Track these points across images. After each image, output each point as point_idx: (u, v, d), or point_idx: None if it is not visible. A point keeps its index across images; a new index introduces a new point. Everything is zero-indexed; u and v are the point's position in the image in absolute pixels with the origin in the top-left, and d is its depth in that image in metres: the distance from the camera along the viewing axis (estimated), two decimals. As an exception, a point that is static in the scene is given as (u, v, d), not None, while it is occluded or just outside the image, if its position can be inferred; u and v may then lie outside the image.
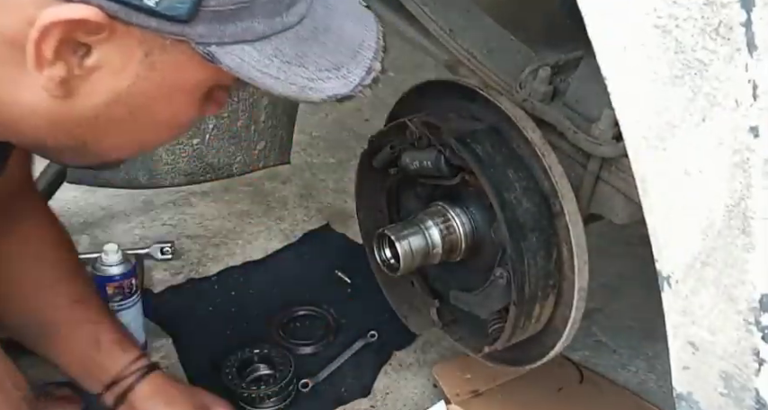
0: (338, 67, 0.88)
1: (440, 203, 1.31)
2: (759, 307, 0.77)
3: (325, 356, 1.62)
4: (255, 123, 1.73)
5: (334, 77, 0.88)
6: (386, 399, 1.55)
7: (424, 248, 1.27)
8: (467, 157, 1.18)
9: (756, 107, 0.71)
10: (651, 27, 0.76)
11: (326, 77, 0.87)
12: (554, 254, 1.18)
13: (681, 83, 0.75)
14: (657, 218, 0.83)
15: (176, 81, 0.87)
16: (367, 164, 1.44)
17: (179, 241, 1.92)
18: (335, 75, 0.88)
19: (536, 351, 1.27)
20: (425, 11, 1.42)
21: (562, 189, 1.16)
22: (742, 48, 0.70)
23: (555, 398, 1.51)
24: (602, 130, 1.15)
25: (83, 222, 1.99)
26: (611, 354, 1.67)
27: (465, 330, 1.41)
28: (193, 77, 0.87)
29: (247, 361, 1.55)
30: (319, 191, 2.16)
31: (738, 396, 0.82)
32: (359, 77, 0.89)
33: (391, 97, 1.44)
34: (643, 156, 0.82)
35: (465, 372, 1.53)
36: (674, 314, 0.86)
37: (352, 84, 0.89)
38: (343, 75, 0.88)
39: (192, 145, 1.70)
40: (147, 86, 0.86)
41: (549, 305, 1.21)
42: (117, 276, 1.53)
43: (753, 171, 0.73)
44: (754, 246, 0.75)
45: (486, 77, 1.36)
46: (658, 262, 0.85)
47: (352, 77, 0.89)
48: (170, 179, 1.73)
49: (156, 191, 1.98)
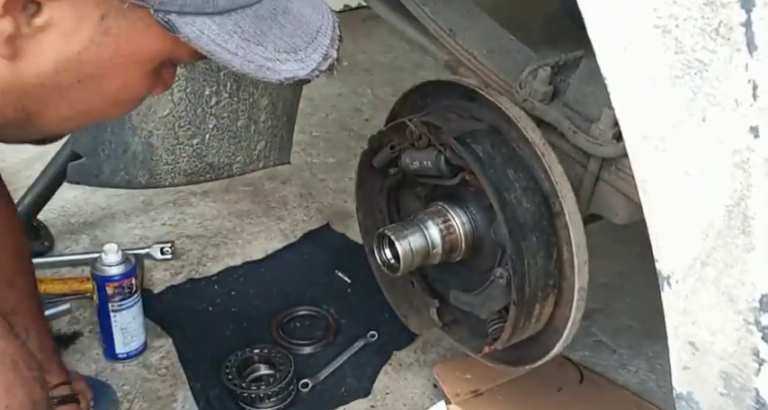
0: (296, 50, 0.87)
1: (440, 203, 1.31)
2: (759, 307, 0.77)
3: (325, 356, 1.62)
4: (255, 123, 1.73)
5: (292, 60, 0.87)
6: (386, 399, 1.55)
7: (424, 248, 1.27)
8: (467, 157, 1.18)
9: (756, 107, 0.71)
10: (651, 27, 0.76)
11: (284, 59, 0.86)
12: (554, 254, 1.18)
13: (681, 83, 0.75)
14: (657, 218, 0.83)
15: (131, 49, 0.84)
16: (367, 164, 1.44)
17: (179, 241, 1.92)
18: (293, 58, 0.87)
19: (536, 351, 1.27)
20: (425, 11, 1.42)
21: (562, 189, 1.16)
22: (742, 48, 0.70)
23: (555, 398, 1.51)
24: (602, 130, 1.15)
25: (83, 222, 1.99)
26: (611, 354, 1.67)
27: (465, 330, 1.41)
28: (149, 47, 0.85)
29: (247, 361, 1.55)
30: (319, 191, 2.17)
31: (738, 396, 0.82)
32: (315, 62, 0.88)
33: (391, 97, 1.44)
34: (643, 156, 0.82)
35: (465, 372, 1.53)
36: (674, 314, 0.86)
37: (309, 69, 0.88)
38: (300, 58, 0.87)
39: (192, 145, 1.70)
40: (99, 53, 0.83)
41: (549, 305, 1.21)
42: (117, 276, 1.53)
43: (753, 171, 0.73)
44: (754, 246, 0.75)
45: (486, 77, 1.36)
46: (658, 262, 0.85)
47: (309, 62, 0.88)
48: (170, 179, 1.73)
49: (156, 191, 1.98)
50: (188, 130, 1.68)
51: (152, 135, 1.66)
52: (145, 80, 0.90)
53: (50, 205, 1.89)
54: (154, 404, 1.51)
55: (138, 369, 1.58)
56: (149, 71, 0.89)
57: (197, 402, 1.50)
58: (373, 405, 1.54)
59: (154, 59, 0.88)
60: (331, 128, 2.48)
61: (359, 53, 3.04)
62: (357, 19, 3.29)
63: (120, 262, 1.54)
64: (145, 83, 0.91)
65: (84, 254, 1.86)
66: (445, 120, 1.25)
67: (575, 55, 1.27)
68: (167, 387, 1.55)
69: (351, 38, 3.15)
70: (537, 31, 1.48)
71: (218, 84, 1.65)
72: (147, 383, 1.55)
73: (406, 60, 2.96)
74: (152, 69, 0.89)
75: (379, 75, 2.82)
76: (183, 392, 1.54)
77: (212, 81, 1.64)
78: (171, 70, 0.95)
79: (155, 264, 1.85)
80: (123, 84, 0.89)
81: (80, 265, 1.80)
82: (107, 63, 0.85)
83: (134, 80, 0.89)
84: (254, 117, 1.72)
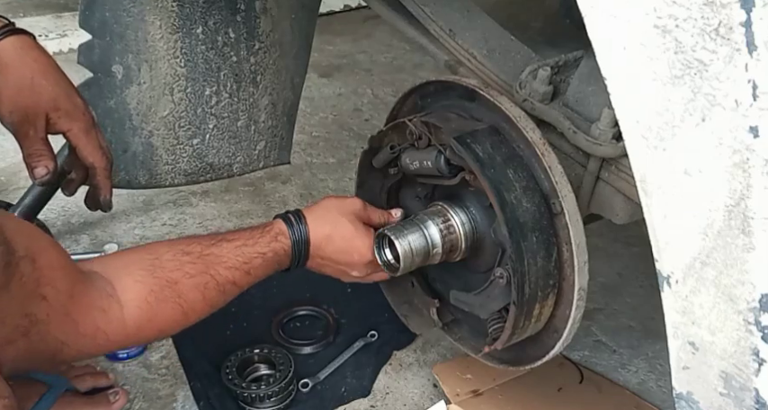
0: None
1: (440, 203, 1.31)
2: (759, 307, 0.77)
3: (325, 356, 1.62)
4: (255, 123, 1.74)
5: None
6: (386, 399, 1.55)
7: (424, 248, 1.28)
8: (467, 157, 1.18)
9: (756, 107, 0.71)
10: (651, 27, 0.76)
11: None
12: (554, 254, 1.18)
13: (681, 83, 0.75)
14: (657, 218, 0.83)
15: None
16: (367, 164, 1.44)
17: (179, 241, 1.93)
18: None
19: (536, 351, 1.27)
20: (426, 11, 1.42)
21: (562, 189, 1.16)
22: (742, 48, 0.70)
23: (555, 398, 1.51)
24: (602, 130, 1.15)
25: (83, 222, 1.99)
26: (611, 354, 1.67)
27: (465, 330, 1.41)
28: None
29: (247, 361, 1.56)
30: (319, 191, 2.17)
31: (738, 396, 0.82)
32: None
33: (391, 97, 1.44)
34: (643, 156, 0.82)
35: (465, 372, 1.53)
36: (674, 314, 0.86)
37: None
38: None
39: (192, 145, 1.70)
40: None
41: (549, 305, 1.21)
42: (117, 276, 1.53)
43: (753, 171, 0.73)
44: (754, 246, 0.75)
45: (486, 77, 1.36)
46: (658, 263, 0.85)
47: None
48: (170, 179, 1.73)
49: (156, 191, 1.98)
50: (188, 130, 1.68)
51: (152, 135, 1.66)
52: None
53: (50, 205, 1.89)
54: (154, 404, 1.52)
55: (138, 369, 1.58)
56: None
57: (197, 402, 1.50)
58: (373, 405, 1.54)
59: None
60: (331, 128, 2.48)
61: (359, 53, 3.05)
62: (357, 19, 3.30)
63: (121, 262, 1.54)
64: None
65: (84, 253, 1.85)
66: (445, 120, 1.25)
67: (575, 55, 1.27)
68: (167, 387, 1.55)
69: (351, 38, 3.17)
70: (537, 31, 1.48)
71: (218, 84, 1.65)
72: (147, 383, 1.55)
73: (406, 60, 2.96)
74: None
75: (379, 76, 2.83)
76: (183, 392, 1.54)
77: (212, 81, 1.64)
78: None
79: (155, 264, 1.85)
80: None
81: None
82: None
83: None
84: (254, 117, 1.72)
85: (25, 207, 1.81)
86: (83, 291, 1.08)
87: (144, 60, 1.56)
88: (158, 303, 1.15)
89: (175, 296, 1.17)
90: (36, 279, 0.99)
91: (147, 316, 1.14)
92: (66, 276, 1.06)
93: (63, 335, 1.06)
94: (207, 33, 1.58)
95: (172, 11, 1.53)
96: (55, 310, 1.03)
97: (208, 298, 1.21)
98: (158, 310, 1.16)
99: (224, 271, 1.22)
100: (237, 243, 1.25)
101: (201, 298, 1.20)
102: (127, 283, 1.14)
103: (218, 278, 1.22)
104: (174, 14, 1.54)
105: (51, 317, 1.02)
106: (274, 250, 1.28)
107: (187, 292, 1.18)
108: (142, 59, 1.56)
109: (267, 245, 1.27)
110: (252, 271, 1.26)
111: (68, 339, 1.07)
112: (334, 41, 3.09)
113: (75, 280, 1.07)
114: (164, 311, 1.17)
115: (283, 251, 1.29)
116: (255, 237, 1.27)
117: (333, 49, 3.04)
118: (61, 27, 2.98)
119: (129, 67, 1.55)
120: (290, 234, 1.29)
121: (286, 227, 1.30)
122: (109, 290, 1.12)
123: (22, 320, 0.99)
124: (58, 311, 1.03)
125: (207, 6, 1.56)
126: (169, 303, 1.17)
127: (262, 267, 1.27)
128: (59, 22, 3.03)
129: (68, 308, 1.05)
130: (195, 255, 1.21)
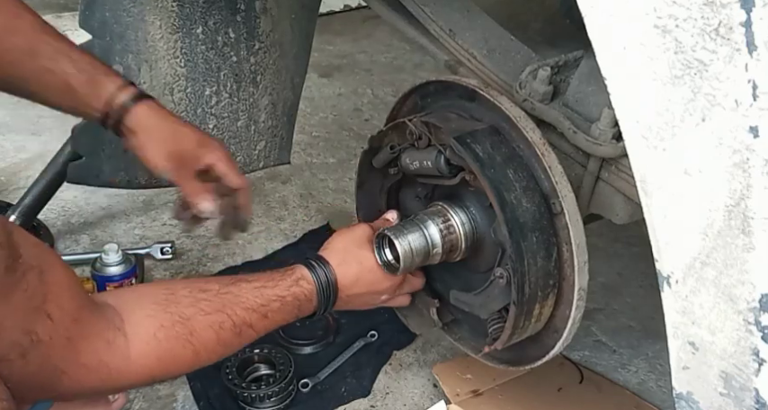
0: None
1: (440, 203, 1.31)
2: (759, 307, 0.77)
3: (325, 356, 1.62)
4: (255, 123, 1.73)
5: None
6: (386, 399, 1.55)
7: (424, 248, 1.27)
8: (467, 157, 1.18)
9: (756, 107, 0.71)
10: (651, 27, 0.76)
11: None
12: (554, 254, 1.18)
13: (681, 83, 0.75)
14: (657, 218, 0.83)
15: None
16: (367, 164, 1.44)
17: (179, 241, 1.93)
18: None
19: (536, 351, 1.27)
20: (426, 11, 1.42)
21: (562, 189, 1.16)
22: (742, 48, 0.70)
23: (555, 398, 1.51)
24: (602, 130, 1.15)
25: (83, 222, 1.99)
26: (611, 354, 1.67)
27: (465, 330, 1.41)
28: None
29: (247, 361, 1.56)
30: (319, 191, 2.17)
31: (738, 396, 0.82)
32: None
33: (391, 97, 1.44)
34: (643, 156, 0.82)
35: (465, 372, 1.53)
36: (674, 314, 0.86)
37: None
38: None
39: (192, 145, 1.69)
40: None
41: (548, 305, 1.21)
42: (117, 276, 1.54)
43: (753, 171, 0.73)
44: (754, 246, 0.75)
45: (486, 77, 1.36)
46: (658, 263, 0.85)
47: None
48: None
49: (156, 191, 1.98)
50: (188, 130, 1.68)
51: (152, 135, 1.66)
52: None
53: (50, 205, 1.89)
54: (154, 404, 1.52)
55: (138, 369, 1.58)
56: None
57: (197, 402, 1.50)
58: (373, 405, 1.54)
59: None
60: (331, 128, 2.48)
61: (359, 53, 3.05)
62: (357, 19, 3.30)
63: (121, 262, 1.55)
64: None
65: (84, 253, 1.86)
66: (445, 120, 1.25)
67: (575, 55, 1.27)
68: (167, 387, 1.55)
69: (351, 38, 3.17)
70: (537, 31, 1.48)
71: (218, 84, 1.65)
72: (147, 383, 1.55)
73: (406, 60, 2.96)
74: None
75: (379, 76, 2.83)
76: (183, 392, 1.54)
77: (212, 81, 1.64)
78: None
79: (155, 264, 1.85)
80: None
81: (80, 265, 1.79)
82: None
83: None
84: (254, 117, 1.72)
85: (25, 207, 1.81)
86: (88, 318, 1.02)
87: (144, 60, 1.56)
88: (168, 340, 1.09)
89: (187, 333, 1.11)
90: (43, 293, 0.94)
91: (154, 353, 1.08)
92: (73, 299, 0.99)
93: (63, 363, 0.99)
94: (207, 33, 1.58)
95: (172, 11, 1.53)
96: (58, 333, 0.96)
97: (222, 339, 1.15)
98: (167, 347, 1.09)
99: (241, 312, 1.17)
100: (257, 284, 1.21)
101: (215, 338, 1.14)
102: (138, 317, 1.08)
103: (235, 318, 1.16)
104: (174, 14, 1.54)
105: (54, 341, 0.96)
106: (294, 294, 1.24)
107: (200, 330, 1.12)
108: (142, 59, 1.56)
109: (287, 289, 1.23)
110: (269, 315, 1.21)
111: (69, 368, 1.00)
112: (334, 41, 3.09)
113: (82, 305, 1.01)
114: (173, 349, 1.10)
115: (304, 296, 1.25)
116: (276, 280, 1.23)
117: (333, 49, 3.04)
118: (61, 27, 2.96)
119: (129, 67, 1.55)
120: (314, 278, 1.26)
121: (308, 272, 1.26)
122: (117, 323, 1.05)
123: (22, 337, 0.92)
124: (61, 335, 0.97)
125: (207, 6, 1.56)
126: (180, 341, 1.10)
127: (280, 311, 1.22)
128: (59, 22, 3.03)
129: (71, 333, 0.98)
130: (212, 293, 1.16)
